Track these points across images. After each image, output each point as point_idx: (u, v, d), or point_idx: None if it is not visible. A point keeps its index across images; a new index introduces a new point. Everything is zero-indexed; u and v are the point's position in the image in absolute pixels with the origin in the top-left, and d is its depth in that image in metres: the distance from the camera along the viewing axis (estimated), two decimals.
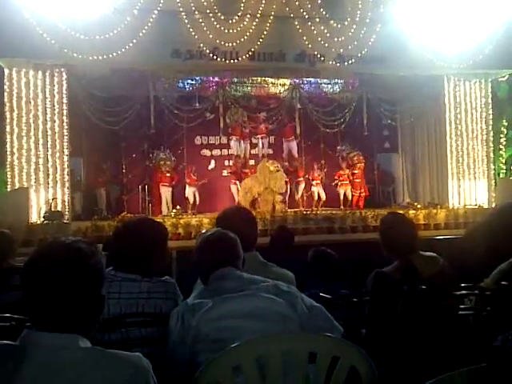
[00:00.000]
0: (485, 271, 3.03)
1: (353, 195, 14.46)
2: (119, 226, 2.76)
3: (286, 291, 2.26)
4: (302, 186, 14.27)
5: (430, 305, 2.63)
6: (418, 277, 2.89)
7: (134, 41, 11.17)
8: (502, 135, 14.88)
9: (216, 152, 15.05)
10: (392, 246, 3.17)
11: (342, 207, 14.06)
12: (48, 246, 1.58)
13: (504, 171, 14.94)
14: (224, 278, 2.29)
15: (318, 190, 14.37)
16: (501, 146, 14.86)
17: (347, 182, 14.42)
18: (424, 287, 2.67)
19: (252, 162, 14.60)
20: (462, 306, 2.75)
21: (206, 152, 15.06)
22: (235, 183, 13.74)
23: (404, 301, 2.72)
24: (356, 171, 14.59)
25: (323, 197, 14.36)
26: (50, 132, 11.57)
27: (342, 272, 3.92)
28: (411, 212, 12.75)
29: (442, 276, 2.97)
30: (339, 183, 14.46)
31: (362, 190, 14.55)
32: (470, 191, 13.79)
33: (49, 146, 11.56)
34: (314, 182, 14.38)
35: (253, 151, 14.76)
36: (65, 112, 11.69)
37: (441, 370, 1.66)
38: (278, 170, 13.10)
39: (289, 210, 13.41)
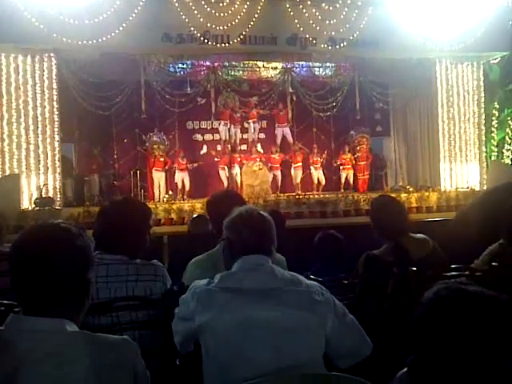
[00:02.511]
0: (476, 253, 3.04)
1: (357, 178, 14.46)
2: (102, 207, 2.73)
3: (319, 301, 2.00)
4: (300, 171, 14.21)
5: (421, 286, 2.64)
6: (408, 259, 2.90)
7: (124, 25, 11.03)
8: (493, 118, 14.89)
9: (208, 137, 14.98)
10: (382, 228, 3.18)
11: (342, 191, 14.06)
12: (36, 227, 1.57)
13: (495, 154, 14.99)
14: (254, 268, 2.05)
15: (317, 174, 14.36)
16: (492, 129, 14.88)
17: (349, 165, 14.42)
18: (414, 269, 2.68)
19: (244, 147, 14.54)
20: None
21: (198, 137, 14.99)
22: (224, 168, 13.68)
23: (394, 282, 2.73)
24: (358, 154, 14.56)
25: (323, 181, 14.37)
26: (40, 118, 11.47)
27: (347, 257, 3.89)
28: (403, 195, 12.78)
29: (432, 258, 2.99)
30: (341, 167, 14.46)
31: (366, 173, 14.55)
32: (461, 174, 13.85)
33: (39, 132, 11.47)
34: (313, 166, 14.34)
35: (245, 136, 14.70)
36: (55, 97, 11.59)
37: None
38: (260, 169, 13.08)
39: (281, 195, 13.42)
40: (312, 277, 2.89)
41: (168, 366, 2.45)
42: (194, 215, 3.84)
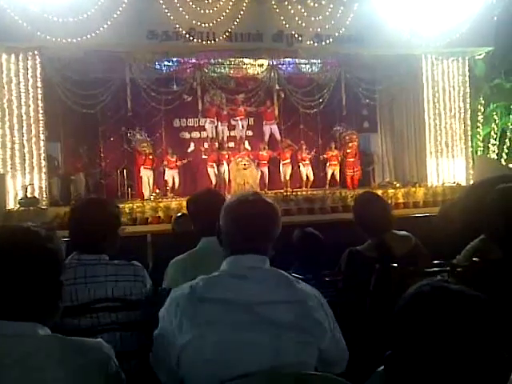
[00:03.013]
0: (460, 248, 3.06)
1: (346, 175, 14.50)
2: (71, 209, 2.72)
3: (319, 321, 1.74)
4: (289, 167, 14.19)
5: (402, 282, 2.65)
6: (390, 255, 2.91)
7: (109, 22, 10.98)
8: (479, 113, 15.00)
9: (195, 134, 14.92)
10: (365, 224, 3.18)
11: (327, 187, 14.08)
12: (4, 230, 1.55)
13: (481, 149, 15.10)
14: (242, 275, 1.73)
15: (306, 170, 14.37)
16: (478, 124, 14.98)
17: (336, 162, 14.44)
18: (396, 265, 2.69)
19: (232, 145, 14.52)
20: None
21: (185, 134, 14.94)
22: (212, 166, 13.65)
23: (376, 279, 2.74)
24: (349, 150, 14.58)
25: (311, 177, 14.38)
26: (25, 117, 11.41)
27: (327, 255, 3.87)
28: (390, 191, 12.86)
29: (414, 254, 3.00)
30: (328, 163, 14.47)
31: (356, 169, 14.57)
32: (448, 169, 13.94)
33: (24, 131, 11.40)
34: (302, 163, 14.35)
35: (232, 133, 14.67)
36: (40, 96, 11.52)
37: None
38: (245, 168, 13.07)
39: (269, 192, 13.42)
40: (294, 275, 2.88)
41: (149, 368, 2.44)
42: (179, 214, 3.83)
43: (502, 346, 1.16)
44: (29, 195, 11.04)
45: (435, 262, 2.82)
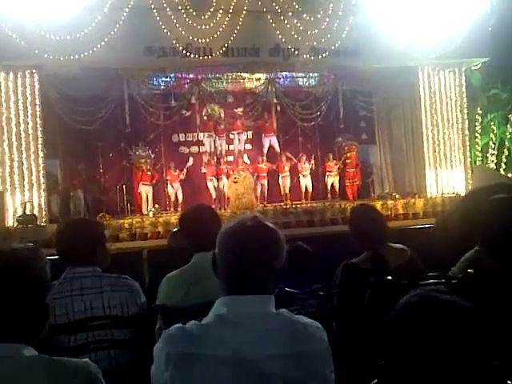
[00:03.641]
0: (457, 259, 3.04)
1: (346, 186, 14.49)
2: (59, 230, 2.74)
3: (326, 379, 1.52)
4: (288, 180, 14.19)
5: (396, 295, 2.63)
6: (385, 267, 2.89)
7: (106, 39, 11.04)
8: (477, 123, 15.03)
9: (194, 149, 14.96)
10: (361, 237, 3.17)
11: (328, 198, 14.07)
12: None
13: (480, 159, 15.11)
14: (240, 322, 1.48)
15: (305, 181, 14.38)
16: (476, 134, 15.01)
17: (335, 173, 14.45)
18: (390, 278, 2.67)
19: (230, 159, 14.54)
20: None
21: (184, 149, 14.97)
22: (211, 180, 13.66)
23: (371, 292, 2.72)
24: (348, 161, 14.59)
25: (310, 189, 14.39)
26: (23, 134, 11.43)
27: (315, 267, 3.87)
28: (390, 202, 12.85)
29: (409, 267, 2.98)
30: (327, 174, 14.47)
31: (356, 179, 14.58)
32: (447, 180, 13.95)
33: (23, 149, 11.42)
34: (301, 174, 14.35)
35: (231, 147, 14.69)
36: (38, 114, 11.56)
37: None
38: (235, 182, 13.08)
39: (268, 205, 13.42)
40: (287, 289, 2.88)
41: None
42: (174, 229, 3.82)
43: (493, 355, 1.15)
44: (28, 212, 11.03)
45: (430, 274, 2.80)
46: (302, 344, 1.48)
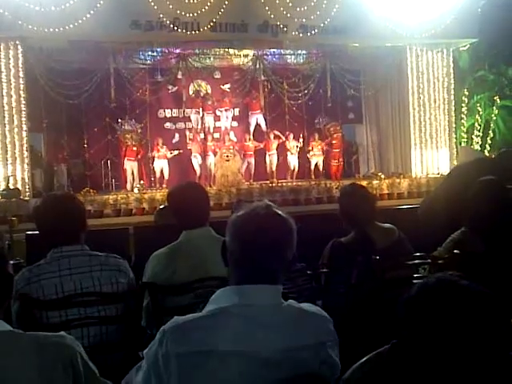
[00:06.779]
0: (444, 239, 3.07)
1: (330, 165, 14.51)
2: (40, 208, 2.65)
3: (334, 363, 1.51)
4: (275, 158, 14.14)
5: (383, 275, 2.66)
6: (372, 247, 2.91)
7: (92, 12, 10.84)
8: (463, 104, 15.11)
9: (180, 125, 14.81)
10: (350, 216, 3.18)
11: (313, 177, 14.09)
12: None
13: (465, 140, 15.21)
14: (251, 315, 1.44)
15: (293, 160, 14.36)
16: (462, 115, 15.09)
17: (319, 152, 14.44)
18: (377, 257, 2.69)
19: (217, 135, 14.43)
20: (416, 275, 2.78)
21: (170, 125, 14.83)
22: (196, 156, 13.56)
23: (358, 271, 2.74)
24: (334, 141, 14.58)
25: (296, 167, 14.37)
26: (7, 107, 11.25)
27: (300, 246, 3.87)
28: (375, 182, 12.91)
29: (397, 247, 3.00)
30: (311, 153, 14.48)
31: (341, 160, 14.61)
32: (432, 160, 14.03)
33: (6, 122, 11.25)
34: (289, 152, 14.32)
35: (218, 124, 14.58)
36: (22, 86, 11.36)
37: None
38: (227, 160, 13.02)
39: (254, 183, 13.41)
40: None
41: (132, 359, 2.44)
42: (161, 206, 3.81)
43: (507, 343, 1.18)
44: (11, 186, 10.91)
45: (416, 254, 2.83)
46: (313, 335, 1.48)
